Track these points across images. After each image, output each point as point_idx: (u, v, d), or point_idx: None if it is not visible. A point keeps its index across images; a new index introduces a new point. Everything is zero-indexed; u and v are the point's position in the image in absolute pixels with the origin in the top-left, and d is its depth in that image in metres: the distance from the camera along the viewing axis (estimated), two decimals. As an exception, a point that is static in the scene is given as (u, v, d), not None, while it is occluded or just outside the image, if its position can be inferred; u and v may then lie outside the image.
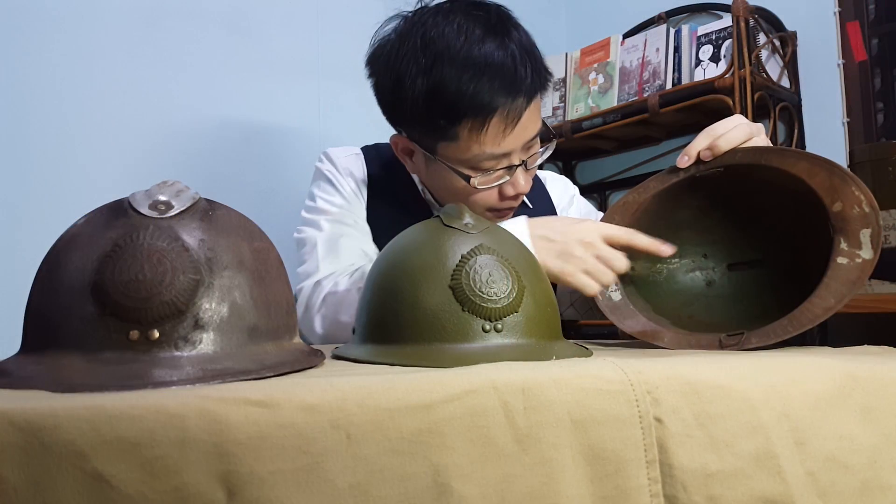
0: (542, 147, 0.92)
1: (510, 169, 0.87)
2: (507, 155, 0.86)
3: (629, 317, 0.72)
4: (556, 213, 1.13)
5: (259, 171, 1.51)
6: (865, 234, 0.62)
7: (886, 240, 0.95)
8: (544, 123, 0.91)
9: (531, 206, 1.11)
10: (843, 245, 0.63)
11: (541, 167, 1.04)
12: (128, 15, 1.36)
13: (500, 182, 0.88)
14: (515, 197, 0.91)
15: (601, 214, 1.19)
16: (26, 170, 1.23)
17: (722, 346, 0.64)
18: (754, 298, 0.75)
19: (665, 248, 0.74)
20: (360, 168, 1.04)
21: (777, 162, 0.69)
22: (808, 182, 0.66)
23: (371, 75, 0.92)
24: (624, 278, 0.76)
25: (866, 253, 0.62)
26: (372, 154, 1.07)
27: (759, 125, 0.76)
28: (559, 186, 1.20)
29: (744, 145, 0.73)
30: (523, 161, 0.88)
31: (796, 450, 0.45)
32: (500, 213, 0.94)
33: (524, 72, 0.82)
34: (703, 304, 0.77)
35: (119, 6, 1.34)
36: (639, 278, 0.78)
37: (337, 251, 0.93)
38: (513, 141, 0.85)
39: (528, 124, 0.86)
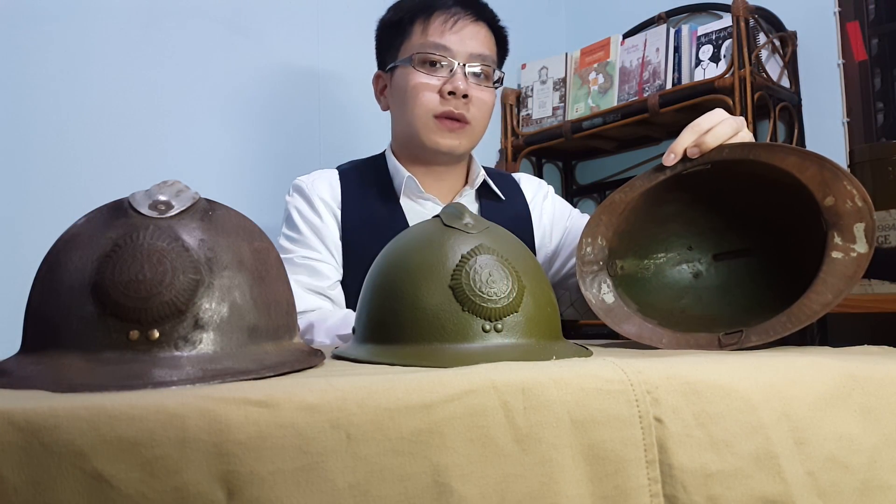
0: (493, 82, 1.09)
1: (452, 73, 1.03)
2: (447, 49, 1.03)
3: (625, 319, 0.72)
4: (529, 210, 1.18)
5: (258, 171, 1.51)
6: (859, 229, 0.62)
7: (886, 240, 0.95)
8: (501, 81, 1.10)
9: (503, 199, 1.15)
10: (837, 240, 0.62)
11: (537, 168, 1.05)
12: (127, 15, 1.35)
13: (440, 77, 1.03)
14: (455, 97, 1.02)
15: (578, 211, 1.22)
16: (26, 170, 1.23)
17: (721, 346, 0.64)
18: (743, 288, 0.75)
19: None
20: (330, 186, 1.10)
21: (766, 157, 0.68)
22: (799, 177, 0.65)
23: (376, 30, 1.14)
24: (614, 278, 0.76)
25: (861, 247, 0.61)
26: (346, 168, 1.15)
27: (742, 118, 0.76)
28: (533, 184, 1.24)
29: (730, 141, 0.73)
30: (464, 64, 1.03)
31: (796, 450, 0.45)
32: (446, 125, 1.04)
33: None
34: (693, 297, 0.77)
35: (118, 6, 1.34)
36: (628, 277, 0.78)
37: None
38: (455, 41, 1.03)
39: (473, 38, 1.04)
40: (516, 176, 1.25)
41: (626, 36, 1.79)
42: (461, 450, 0.38)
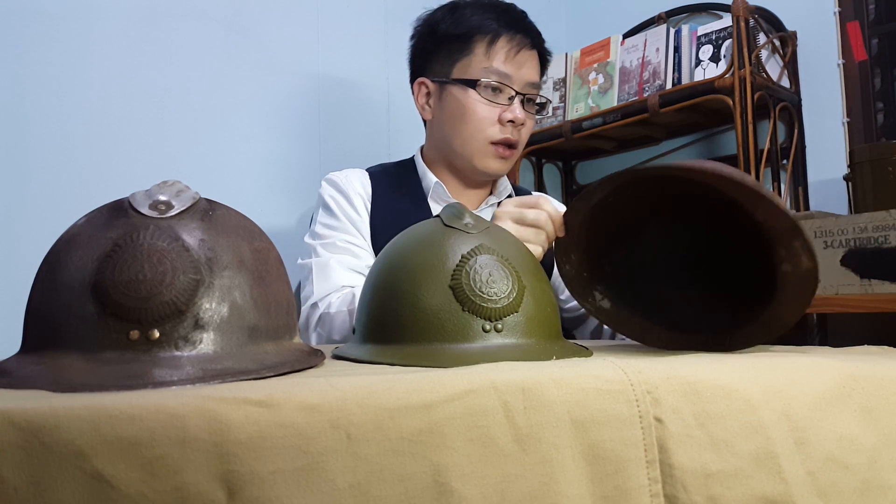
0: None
1: (510, 100, 1.07)
2: (509, 77, 1.06)
3: (623, 322, 0.72)
4: None
5: (259, 171, 1.51)
6: (797, 247, 0.58)
7: (886, 240, 0.95)
8: (543, 107, 1.16)
9: None
10: (783, 252, 0.59)
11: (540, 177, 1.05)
12: (127, 15, 1.35)
13: (500, 104, 1.07)
14: (513, 125, 1.07)
15: None
16: (26, 170, 1.23)
17: (712, 348, 0.64)
18: (726, 289, 0.73)
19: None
20: (361, 183, 1.14)
21: (681, 173, 0.62)
22: (732, 194, 0.60)
23: (412, 37, 1.16)
24: (604, 282, 0.73)
25: (806, 262, 0.58)
26: (376, 170, 1.19)
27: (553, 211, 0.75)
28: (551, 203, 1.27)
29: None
30: (523, 94, 1.08)
31: (796, 450, 0.45)
32: (500, 152, 1.08)
33: (527, 21, 1.11)
34: (681, 294, 0.74)
35: (118, 6, 1.34)
36: (618, 276, 0.75)
37: (328, 275, 1.03)
38: (515, 68, 1.07)
39: (530, 67, 1.09)
40: (535, 195, 1.27)
41: (626, 36, 1.78)
42: (461, 450, 0.38)
